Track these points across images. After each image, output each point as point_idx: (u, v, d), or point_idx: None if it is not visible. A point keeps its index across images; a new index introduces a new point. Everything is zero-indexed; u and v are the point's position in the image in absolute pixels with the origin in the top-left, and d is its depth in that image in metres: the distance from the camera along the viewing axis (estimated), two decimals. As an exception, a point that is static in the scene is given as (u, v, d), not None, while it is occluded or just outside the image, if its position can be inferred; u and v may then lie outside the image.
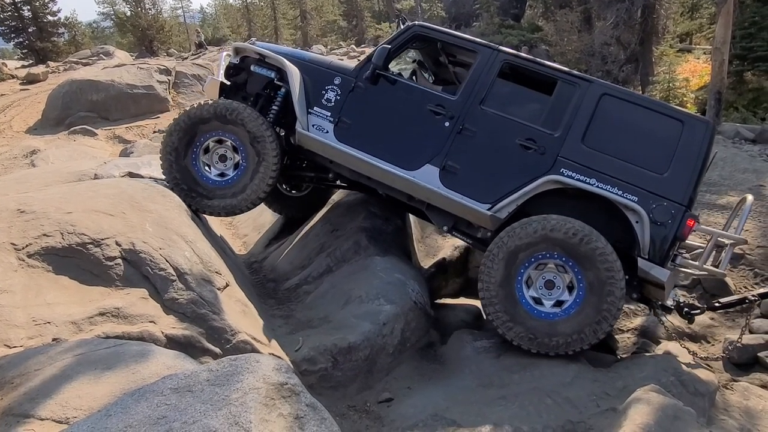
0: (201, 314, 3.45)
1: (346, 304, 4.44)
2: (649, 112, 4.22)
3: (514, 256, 4.08)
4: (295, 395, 1.89)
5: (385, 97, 4.64)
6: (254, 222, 7.18)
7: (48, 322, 2.99)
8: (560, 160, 4.21)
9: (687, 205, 4.04)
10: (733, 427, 3.46)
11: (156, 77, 15.53)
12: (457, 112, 4.44)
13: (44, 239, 3.44)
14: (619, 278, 3.95)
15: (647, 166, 4.12)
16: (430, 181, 4.40)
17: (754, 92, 14.86)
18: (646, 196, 4.05)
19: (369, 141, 4.58)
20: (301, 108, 4.70)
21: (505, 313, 4.04)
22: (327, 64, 4.96)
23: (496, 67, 4.49)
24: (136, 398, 1.78)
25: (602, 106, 4.26)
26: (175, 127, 4.70)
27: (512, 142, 4.32)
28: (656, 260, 4.01)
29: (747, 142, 10.97)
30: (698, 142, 4.11)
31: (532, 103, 4.56)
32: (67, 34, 31.40)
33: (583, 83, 4.36)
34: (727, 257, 4.23)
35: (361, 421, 3.65)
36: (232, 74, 5.18)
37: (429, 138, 4.46)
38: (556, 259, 4.06)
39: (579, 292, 4.03)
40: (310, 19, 37.78)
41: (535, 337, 3.98)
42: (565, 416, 3.40)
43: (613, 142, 4.20)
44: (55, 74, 18.92)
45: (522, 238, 4.07)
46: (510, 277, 4.07)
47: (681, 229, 4.00)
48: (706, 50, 20.05)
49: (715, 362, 4.39)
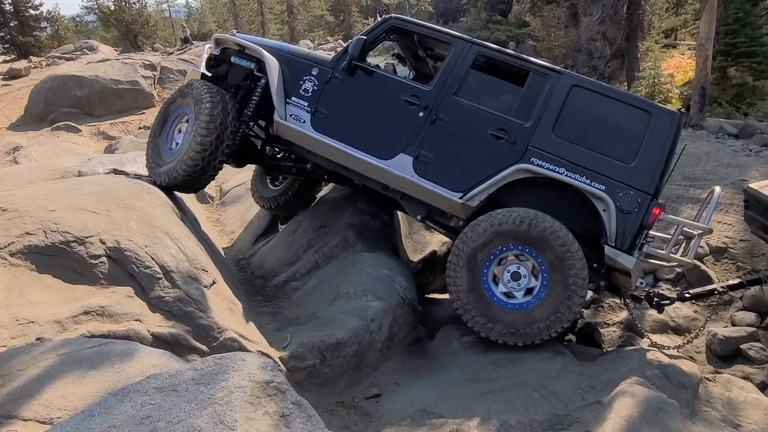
0: (187, 312, 3.43)
1: (334, 301, 4.44)
2: (618, 103, 4.32)
3: (473, 260, 4.15)
4: (280, 393, 1.88)
5: (361, 88, 4.72)
6: (241, 219, 7.15)
7: (31, 322, 2.96)
8: (531, 150, 4.30)
9: (653, 194, 4.12)
10: (716, 418, 3.51)
11: (141, 72, 15.35)
12: (431, 102, 4.51)
13: (27, 238, 3.40)
14: (574, 250, 4.03)
15: (615, 155, 4.20)
16: (404, 170, 4.48)
17: (738, 88, 15.02)
18: (613, 185, 4.13)
19: (345, 131, 4.65)
20: (279, 98, 4.77)
21: (481, 316, 4.09)
22: (305, 55, 5.03)
23: (469, 58, 4.57)
24: (120, 398, 1.76)
25: (572, 97, 4.34)
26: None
27: (484, 131, 4.39)
28: (623, 248, 4.10)
29: (730, 137, 11.11)
30: (665, 133, 4.20)
31: (504, 94, 4.66)
32: (49, 28, 30.89)
33: (553, 75, 4.44)
34: (694, 247, 4.34)
35: (349, 416, 3.66)
36: (213, 65, 5.24)
37: (403, 128, 4.54)
38: (513, 250, 4.15)
39: (543, 274, 4.10)
40: (297, 14, 37.53)
41: (516, 329, 4.03)
42: (551, 409, 3.43)
43: (582, 132, 4.29)
44: (38, 69, 18.62)
45: (475, 240, 4.15)
46: (476, 280, 4.14)
47: (647, 218, 4.08)
48: (691, 46, 20.24)
49: (677, 351, 4.47)
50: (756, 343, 5.22)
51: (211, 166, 4.64)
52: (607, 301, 6.10)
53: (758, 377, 4.90)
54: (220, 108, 4.60)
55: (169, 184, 4.70)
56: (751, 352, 5.13)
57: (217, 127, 4.55)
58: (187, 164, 4.57)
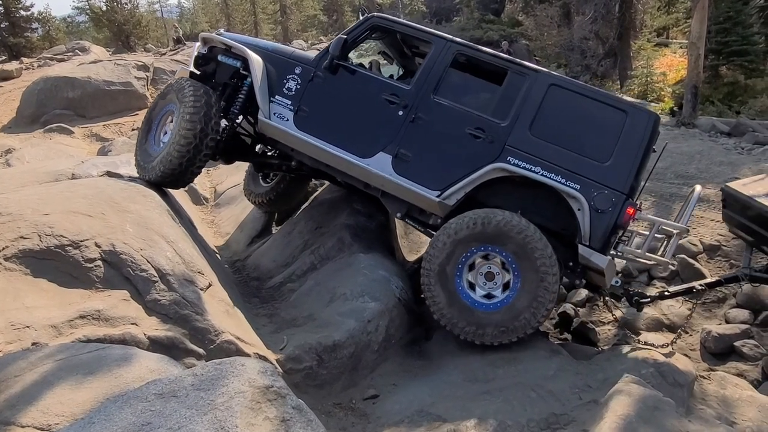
0: (184, 315, 3.42)
1: (331, 302, 4.44)
2: (594, 102, 4.33)
3: (443, 275, 4.18)
4: (280, 398, 1.88)
5: (343, 87, 4.75)
6: (236, 220, 7.13)
7: (27, 326, 2.94)
8: (507, 149, 4.32)
9: (628, 193, 4.14)
10: (711, 416, 3.53)
11: (134, 73, 15.27)
12: (411, 101, 4.53)
13: (21, 242, 3.37)
14: (531, 233, 4.08)
15: (590, 155, 4.22)
16: (383, 168, 4.50)
17: (729, 86, 15.12)
18: (588, 185, 4.15)
19: (326, 129, 4.69)
20: (263, 96, 4.80)
21: (469, 325, 4.11)
22: (288, 53, 5.06)
23: (449, 57, 4.60)
24: (119, 405, 1.75)
25: (550, 97, 4.35)
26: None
27: (462, 131, 4.41)
28: (597, 247, 4.12)
29: (723, 135, 11.18)
30: (641, 133, 4.21)
31: (483, 92, 4.69)
32: (40, 29, 30.64)
33: (532, 73, 4.46)
34: (672, 246, 4.39)
35: (347, 418, 3.66)
36: (201, 64, 5.27)
37: (383, 126, 4.56)
38: (477, 252, 4.19)
39: (512, 266, 4.13)
40: (290, 13, 37.49)
41: (506, 326, 4.06)
42: (548, 409, 3.45)
43: (559, 132, 4.31)
44: (30, 71, 18.50)
45: (438, 256, 4.19)
46: (452, 293, 4.17)
47: (621, 217, 4.09)
48: (683, 44, 20.35)
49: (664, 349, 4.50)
50: (750, 341, 5.26)
51: (196, 158, 4.67)
52: (602, 299, 6.13)
53: (752, 374, 4.94)
54: (204, 101, 4.64)
55: (157, 178, 4.72)
56: (744, 349, 5.17)
57: (200, 119, 4.58)
58: (173, 156, 4.60)
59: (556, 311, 6.10)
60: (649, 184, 8.25)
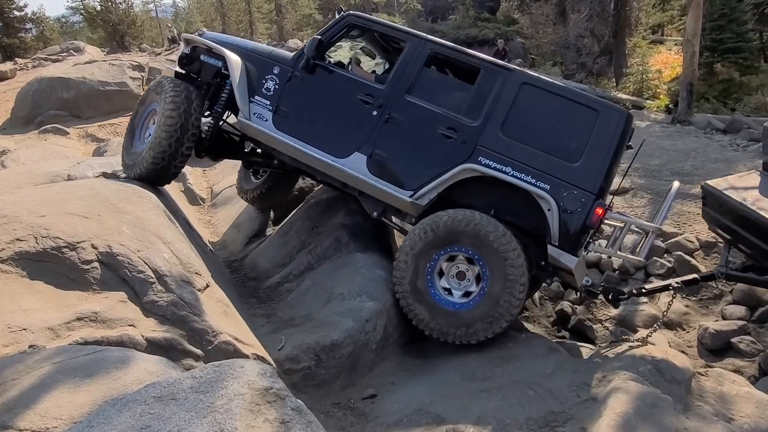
0: (181, 316, 3.40)
1: (328, 302, 4.44)
2: (566, 101, 4.29)
3: (417, 291, 4.23)
4: (280, 400, 1.88)
5: (319, 87, 4.76)
6: (233, 220, 7.12)
7: (24, 329, 2.92)
8: (479, 149, 4.32)
9: (597, 193, 4.12)
10: (709, 412, 3.55)
11: (129, 74, 15.18)
12: (385, 100, 4.54)
13: (17, 244, 3.35)
14: (477, 221, 4.12)
15: (561, 155, 4.21)
16: (358, 168, 4.53)
17: (724, 83, 15.17)
18: (557, 185, 4.15)
19: (304, 129, 4.71)
20: (242, 97, 4.83)
21: (459, 328, 4.15)
22: (267, 53, 5.07)
23: (423, 56, 4.59)
24: (118, 408, 1.75)
25: (521, 95, 4.34)
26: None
27: (434, 131, 4.42)
28: (566, 247, 4.12)
29: (718, 132, 11.22)
30: (611, 132, 4.18)
31: (456, 92, 4.66)
32: (34, 29, 30.52)
33: (504, 72, 4.43)
34: (647, 245, 4.40)
35: (345, 418, 3.66)
36: (186, 64, 5.30)
37: (358, 126, 4.58)
38: (440, 258, 4.24)
39: (475, 257, 4.17)
40: (286, 13, 37.38)
41: (492, 316, 4.08)
42: (546, 407, 3.45)
43: (530, 132, 4.30)
44: (24, 71, 18.39)
45: (405, 276, 4.26)
46: (433, 305, 4.21)
47: (590, 218, 4.09)
48: (678, 42, 20.39)
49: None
50: (746, 337, 5.29)
51: (178, 153, 4.69)
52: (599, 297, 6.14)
53: (749, 370, 4.97)
54: (183, 98, 4.67)
55: (141, 174, 4.74)
56: (741, 345, 5.20)
57: (180, 115, 4.62)
58: (156, 151, 4.64)
59: (553, 309, 6.12)
60: (644, 181, 8.32)
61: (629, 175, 8.53)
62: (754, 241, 4.54)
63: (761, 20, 17.05)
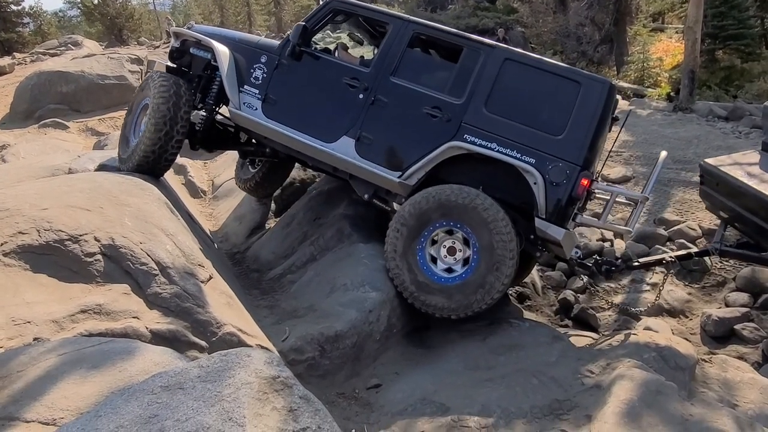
0: (185, 308, 3.40)
1: (332, 293, 4.44)
2: (549, 75, 4.31)
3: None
4: (287, 388, 1.88)
5: (306, 73, 4.80)
6: (235, 212, 7.11)
7: (28, 322, 2.92)
8: (464, 127, 4.35)
9: (582, 165, 4.13)
10: (713, 398, 3.55)
11: (127, 67, 15.13)
12: (370, 83, 4.59)
13: (20, 237, 3.35)
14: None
15: (545, 128, 4.23)
16: (347, 152, 4.58)
17: (726, 70, 15.09)
18: (542, 158, 4.17)
19: (293, 116, 4.76)
20: (231, 87, 4.88)
21: (461, 301, 4.15)
22: (254, 42, 5.12)
23: (406, 38, 4.62)
24: (125, 398, 1.75)
25: (504, 71, 4.36)
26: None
27: (419, 111, 4.45)
28: (554, 219, 4.14)
29: (720, 119, 11.18)
30: (594, 103, 4.19)
31: (440, 71, 4.72)
32: (32, 24, 30.41)
33: (486, 49, 4.46)
34: (636, 215, 4.42)
35: (350, 407, 3.67)
36: (177, 57, 5.36)
37: (345, 110, 4.62)
38: (425, 240, 4.28)
39: (468, 234, 4.19)
40: (284, 4, 37.20)
41: (490, 283, 4.09)
42: (551, 395, 3.46)
43: (514, 107, 4.32)
44: (22, 66, 18.33)
45: (400, 267, 4.29)
46: (430, 284, 4.22)
47: (576, 189, 4.10)
48: (679, 29, 20.26)
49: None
50: (750, 323, 5.29)
51: (168, 146, 4.74)
52: (602, 285, 6.15)
53: (752, 357, 4.97)
54: (172, 91, 4.72)
55: (134, 166, 4.80)
56: (744, 332, 5.20)
57: (170, 108, 4.67)
58: (146, 144, 4.70)
59: (556, 298, 6.12)
60: (645, 169, 8.29)
61: (630, 164, 8.52)
62: (749, 217, 4.55)
63: (762, 6, 16.93)
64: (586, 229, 6.63)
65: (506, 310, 4.88)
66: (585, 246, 6.41)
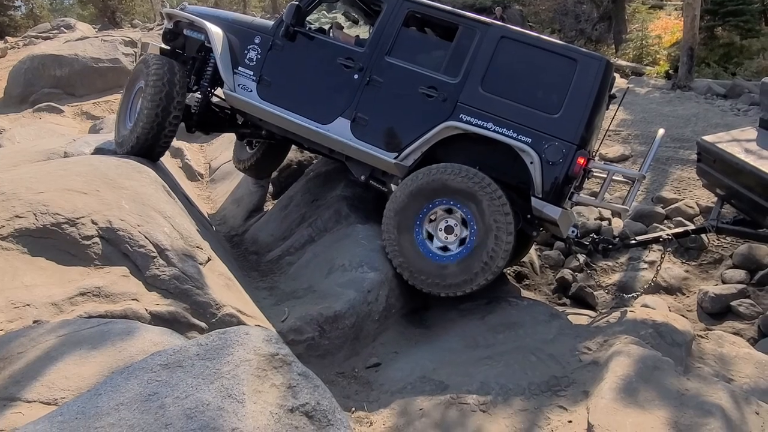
0: (184, 290, 3.42)
1: (330, 273, 4.45)
2: (544, 52, 4.26)
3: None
4: (286, 365, 1.89)
5: (300, 53, 4.74)
6: (233, 195, 7.10)
7: (27, 305, 2.93)
8: (460, 106, 4.31)
9: (579, 143, 4.11)
10: (709, 374, 3.59)
11: (121, 50, 14.94)
12: (365, 63, 4.53)
13: (17, 221, 3.34)
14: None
15: (541, 107, 4.20)
16: (343, 133, 4.55)
17: (725, 48, 14.94)
18: (539, 137, 4.14)
19: (288, 97, 4.71)
20: (225, 69, 4.82)
21: (463, 278, 4.13)
22: (248, 23, 5.05)
23: (401, 16, 4.56)
24: (125, 376, 1.76)
25: (500, 50, 4.31)
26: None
27: (415, 91, 4.41)
28: (551, 199, 4.13)
29: (719, 97, 11.12)
30: (591, 80, 4.14)
31: (435, 50, 4.67)
32: (24, 7, 29.95)
33: (482, 27, 4.40)
34: (633, 193, 4.39)
35: (350, 386, 3.70)
36: (170, 39, 5.30)
37: (340, 91, 4.58)
38: (420, 223, 4.27)
39: (465, 213, 4.19)
40: (279, -16, 36.65)
41: (489, 256, 4.07)
42: (549, 372, 3.49)
43: (509, 86, 4.28)
44: (15, 50, 18.10)
45: (398, 250, 4.27)
46: (431, 264, 4.20)
47: (572, 168, 4.09)
48: (678, 6, 20.03)
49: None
50: (746, 300, 5.32)
51: (163, 129, 4.70)
52: (599, 264, 6.17)
53: (749, 333, 5.02)
54: (166, 70, 4.67)
55: (130, 150, 4.76)
56: (741, 308, 5.24)
57: (163, 90, 4.62)
58: (141, 128, 4.66)
59: (554, 277, 6.15)
60: (644, 148, 8.27)
61: (628, 143, 8.49)
62: (746, 194, 4.55)
63: (763, -18, 16.72)
64: (584, 208, 6.63)
65: (504, 289, 4.91)
66: (583, 225, 6.41)
